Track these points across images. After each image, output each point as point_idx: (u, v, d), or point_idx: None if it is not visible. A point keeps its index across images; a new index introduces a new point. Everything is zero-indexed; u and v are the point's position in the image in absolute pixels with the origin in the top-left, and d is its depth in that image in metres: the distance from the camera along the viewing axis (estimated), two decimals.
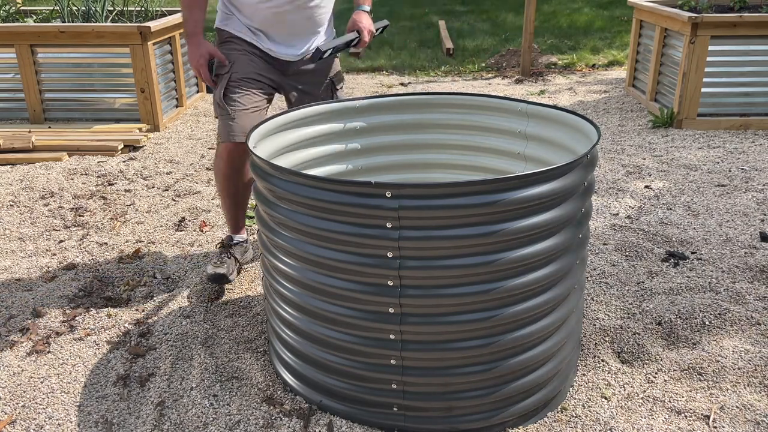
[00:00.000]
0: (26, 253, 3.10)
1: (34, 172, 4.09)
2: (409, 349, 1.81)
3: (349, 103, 2.45)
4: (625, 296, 2.64)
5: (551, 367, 1.97)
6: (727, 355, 2.25)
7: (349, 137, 2.48)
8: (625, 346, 2.32)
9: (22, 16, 5.49)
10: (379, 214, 1.68)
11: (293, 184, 1.78)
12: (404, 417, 1.91)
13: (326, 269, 1.81)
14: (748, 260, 2.88)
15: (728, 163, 4.07)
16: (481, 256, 1.71)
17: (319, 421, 1.98)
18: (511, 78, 6.49)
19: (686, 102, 4.69)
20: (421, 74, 6.79)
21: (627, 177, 3.90)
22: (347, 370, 1.91)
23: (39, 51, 4.79)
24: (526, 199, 1.69)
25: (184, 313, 2.60)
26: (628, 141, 4.56)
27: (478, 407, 1.90)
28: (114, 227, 3.36)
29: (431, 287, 1.74)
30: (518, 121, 2.37)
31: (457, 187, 1.65)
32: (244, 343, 2.39)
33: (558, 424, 1.97)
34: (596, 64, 6.94)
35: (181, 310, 2.62)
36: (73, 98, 4.90)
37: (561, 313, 1.93)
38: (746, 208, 3.42)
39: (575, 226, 1.88)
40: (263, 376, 2.20)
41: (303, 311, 1.94)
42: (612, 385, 2.13)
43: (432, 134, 2.54)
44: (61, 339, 2.44)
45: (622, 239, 3.10)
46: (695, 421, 1.97)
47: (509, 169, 2.44)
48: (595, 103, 5.53)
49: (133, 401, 2.11)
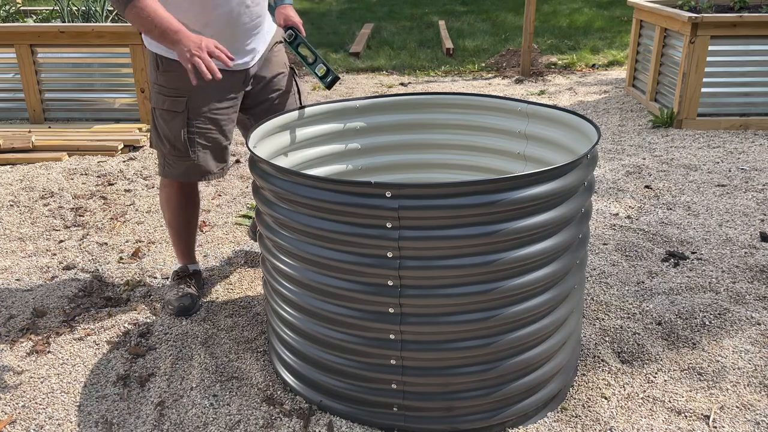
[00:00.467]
0: (26, 253, 3.10)
1: (34, 172, 4.09)
2: (409, 349, 1.81)
3: (349, 103, 2.45)
4: (625, 296, 2.64)
5: (551, 367, 1.97)
6: (727, 355, 2.25)
7: (349, 137, 2.48)
8: (625, 346, 2.32)
9: (22, 16, 5.49)
10: (379, 214, 1.68)
11: (293, 184, 1.78)
12: (404, 417, 1.91)
13: (326, 269, 1.81)
14: (748, 260, 2.88)
15: (728, 163, 4.07)
16: (481, 256, 1.71)
17: (319, 421, 1.98)
18: (511, 78, 6.49)
19: (686, 102, 4.69)
20: (421, 74, 6.79)
21: (627, 177, 3.90)
22: (347, 370, 1.91)
23: (39, 51, 4.79)
24: (526, 199, 1.69)
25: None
26: (628, 141, 4.56)
27: (478, 407, 1.90)
28: (114, 227, 3.36)
29: (431, 287, 1.74)
30: (518, 121, 2.37)
31: (457, 187, 1.65)
32: (244, 343, 2.39)
33: (558, 424, 1.97)
34: (596, 64, 6.94)
35: None
36: (73, 98, 4.90)
37: (561, 313, 1.93)
38: (746, 208, 3.42)
39: (575, 226, 1.88)
40: (263, 376, 2.20)
41: (303, 311, 1.94)
42: (612, 385, 2.13)
43: (432, 134, 2.54)
44: (61, 339, 2.44)
45: (622, 239, 3.10)
46: (695, 421, 1.97)
47: (509, 169, 2.44)
48: (595, 103, 5.53)
49: (133, 401, 2.11)
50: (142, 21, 2.04)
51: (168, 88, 2.30)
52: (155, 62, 2.31)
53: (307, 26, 9.35)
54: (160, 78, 2.31)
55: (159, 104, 2.33)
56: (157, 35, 2.05)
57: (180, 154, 2.35)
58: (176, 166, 2.38)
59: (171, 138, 2.33)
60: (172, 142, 2.33)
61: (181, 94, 2.29)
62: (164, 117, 2.33)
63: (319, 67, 2.44)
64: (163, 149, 2.37)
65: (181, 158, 2.36)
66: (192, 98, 2.29)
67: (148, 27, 2.05)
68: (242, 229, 3.33)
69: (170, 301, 2.57)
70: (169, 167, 2.40)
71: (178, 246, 2.66)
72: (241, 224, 3.37)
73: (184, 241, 2.64)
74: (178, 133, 2.32)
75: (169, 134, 2.33)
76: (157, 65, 2.30)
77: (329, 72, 2.44)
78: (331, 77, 2.44)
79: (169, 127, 2.32)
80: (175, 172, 2.40)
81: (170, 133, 2.33)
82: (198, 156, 2.36)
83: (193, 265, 2.71)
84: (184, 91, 2.28)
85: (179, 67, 2.22)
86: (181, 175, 2.40)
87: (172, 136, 2.32)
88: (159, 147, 2.39)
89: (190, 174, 2.39)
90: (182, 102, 2.29)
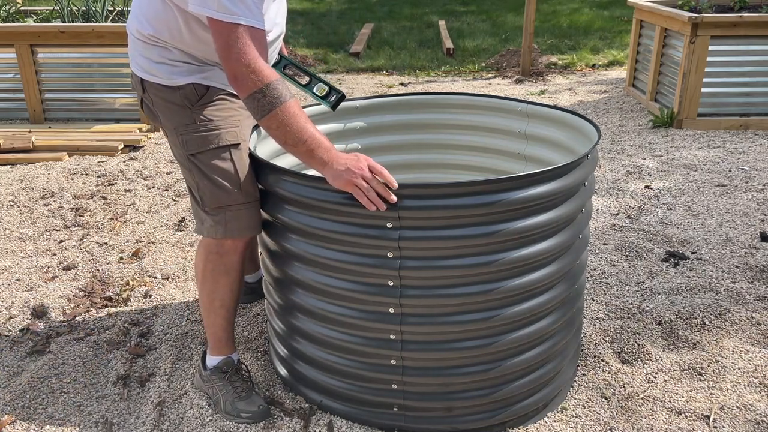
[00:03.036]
0: (26, 253, 3.10)
1: (34, 172, 4.09)
2: (409, 349, 1.81)
3: (350, 103, 2.45)
4: (625, 296, 2.64)
5: (551, 367, 1.97)
6: (727, 355, 2.25)
7: (350, 137, 2.48)
8: (625, 346, 2.32)
9: (22, 16, 5.49)
10: (380, 215, 1.67)
11: (293, 184, 1.78)
12: (404, 417, 1.91)
13: (327, 269, 1.81)
14: (748, 260, 2.88)
15: (728, 163, 4.07)
16: (481, 257, 1.71)
17: (319, 421, 1.98)
18: (511, 78, 6.49)
19: (686, 102, 4.69)
20: (421, 74, 6.79)
21: (627, 177, 3.90)
22: (347, 370, 1.91)
23: (39, 51, 4.79)
24: (526, 199, 1.69)
25: (184, 313, 2.60)
26: (628, 141, 4.56)
27: (478, 407, 1.90)
28: (114, 227, 3.36)
29: (431, 287, 1.74)
30: (518, 121, 2.37)
31: (457, 187, 1.65)
32: (244, 343, 2.39)
33: (558, 424, 1.97)
34: (596, 64, 6.94)
35: (181, 310, 2.62)
36: (73, 98, 4.90)
37: (561, 313, 1.93)
38: (746, 208, 3.42)
39: (575, 226, 1.88)
40: (263, 376, 2.20)
41: (303, 311, 1.93)
42: (612, 385, 2.13)
43: (432, 134, 2.54)
44: (61, 339, 2.44)
45: (622, 239, 3.10)
46: (695, 421, 1.97)
47: (509, 169, 2.44)
48: (595, 103, 5.53)
49: (133, 401, 2.11)
50: (290, 130, 1.67)
51: (214, 121, 1.84)
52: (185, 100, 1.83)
53: (307, 26, 9.36)
54: (197, 115, 1.83)
55: (204, 145, 1.83)
56: (303, 151, 1.68)
57: (250, 198, 1.87)
58: (246, 216, 1.87)
59: (238, 181, 1.83)
60: (241, 186, 1.84)
61: (232, 124, 1.87)
62: (220, 156, 1.83)
63: (319, 87, 2.08)
64: (227, 199, 1.84)
65: (250, 204, 1.87)
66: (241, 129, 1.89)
67: (296, 140, 1.67)
68: None
69: (238, 408, 1.99)
70: (235, 221, 1.86)
71: (227, 331, 2.06)
72: None
73: (231, 321, 2.07)
74: (245, 171, 1.85)
75: (234, 176, 1.83)
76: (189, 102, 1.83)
77: (332, 91, 2.08)
78: (335, 96, 2.08)
79: (231, 166, 1.84)
80: (243, 225, 1.87)
81: (236, 173, 1.84)
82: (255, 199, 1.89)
83: (235, 354, 2.13)
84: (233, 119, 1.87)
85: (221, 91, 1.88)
86: (250, 227, 1.88)
87: (240, 176, 1.83)
88: (219, 200, 1.84)
89: (257, 223, 1.90)
90: (237, 132, 1.86)
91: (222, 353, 2.08)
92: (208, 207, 1.86)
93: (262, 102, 1.65)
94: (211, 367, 2.07)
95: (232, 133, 1.86)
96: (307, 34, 8.70)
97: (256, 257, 2.63)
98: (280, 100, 1.66)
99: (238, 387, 2.03)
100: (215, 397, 2.04)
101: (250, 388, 2.05)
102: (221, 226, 1.87)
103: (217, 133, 1.84)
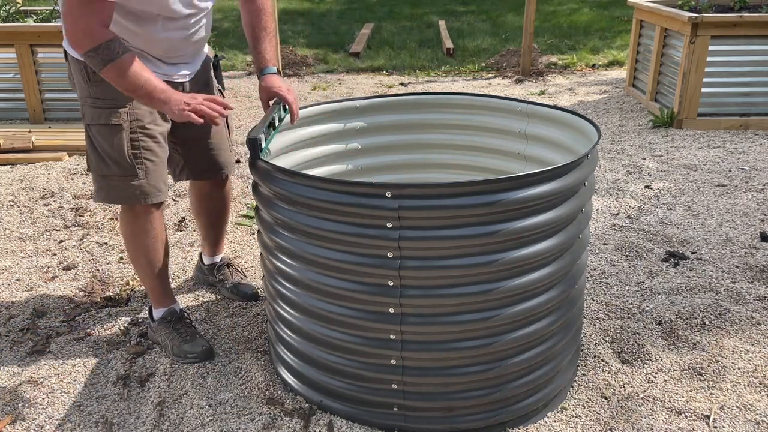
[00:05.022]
0: (26, 253, 3.10)
1: (34, 172, 4.09)
2: (409, 349, 1.81)
3: (350, 103, 2.45)
4: (625, 296, 2.64)
5: (551, 367, 1.97)
6: (727, 355, 2.25)
7: (350, 137, 2.48)
8: (625, 346, 2.32)
9: (22, 16, 5.49)
10: (380, 214, 1.68)
11: (293, 184, 1.78)
12: (404, 417, 1.91)
13: (327, 269, 1.81)
14: (748, 260, 2.88)
15: (728, 163, 4.07)
16: (481, 256, 1.71)
17: (319, 421, 1.98)
18: (511, 78, 6.49)
19: (686, 102, 4.69)
20: (421, 74, 6.79)
21: (627, 177, 3.90)
22: (347, 370, 1.91)
23: (39, 51, 4.79)
24: (526, 199, 1.69)
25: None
26: (628, 141, 4.56)
27: (478, 407, 1.90)
28: (114, 227, 3.36)
29: (431, 287, 1.74)
30: (518, 121, 2.37)
31: (457, 187, 1.65)
32: (244, 343, 2.39)
33: (558, 424, 1.98)
34: (596, 64, 6.94)
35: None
36: (73, 98, 4.89)
37: (561, 313, 1.93)
38: (746, 208, 3.42)
39: (575, 226, 1.88)
40: (263, 376, 2.20)
41: (303, 311, 1.94)
42: (612, 385, 2.13)
43: (432, 134, 2.54)
44: (61, 339, 2.44)
45: (622, 239, 3.10)
46: (695, 421, 1.97)
47: (509, 169, 2.44)
48: (595, 103, 5.53)
49: (133, 401, 2.12)
50: (126, 80, 1.88)
51: (104, 99, 2.05)
52: (84, 73, 2.05)
53: (307, 26, 9.36)
54: (92, 90, 2.06)
55: (95, 119, 2.07)
56: (142, 95, 1.91)
57: (126, 173, 2.09)
58: (122, 188, 2.11)
59: (114, 156, 2.08)
60: (116, 160, 2.08)
61: (120, 105, 2.06)
62: (103, 133, 2.07)
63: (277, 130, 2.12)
64: (105, 170, 2.10)
65: (126, 178, 2.10)
66: (133, 109, 2.07)
67: (133, 87, 1.89)
68: (242, 229, 3.33)
69: (184, 349, 2.27)
70: (113, 191, 2.13)
71: (162, 285, 2.34)
72: (241, 224, 3.37)
73: (165, 277, 2.34)
74: (121, 149, 2.07)
75: (112, 152, 2.08)
76: (87, 76, 2.05)
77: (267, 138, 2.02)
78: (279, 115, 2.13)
79: (110, 143, 2.07)
80: (121, 195, 2.13)
81: (112, 150, 2.08)
82: (147, 174, 2.11)
83: (176, 304, 2.41)
84: (123, 101, 2.05)
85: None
86: (129, 197, 2.13)
87: (116, 153, 2.07)
88: (100, 168, 2.11)
89: (138, 196, 2.12)
90: (122, 113, 2.06)
91: (163, 305, 2.37)
92: (93, 173, 2.16)
93: (95, 59, 1.86)
94: (157, 318, 2.36)
95: (116, 114, 2.06)
96: (307, 34, 8.70)
97: (218, 241, 2.70)
98: (113, 55, 1.86)
99: (183, 332, 2.30)
100: (164, 343, 2.32)
101: (194, 333, 2.32)
102: (103, 191, 2.15)
103: (103, 110, 2.06)
